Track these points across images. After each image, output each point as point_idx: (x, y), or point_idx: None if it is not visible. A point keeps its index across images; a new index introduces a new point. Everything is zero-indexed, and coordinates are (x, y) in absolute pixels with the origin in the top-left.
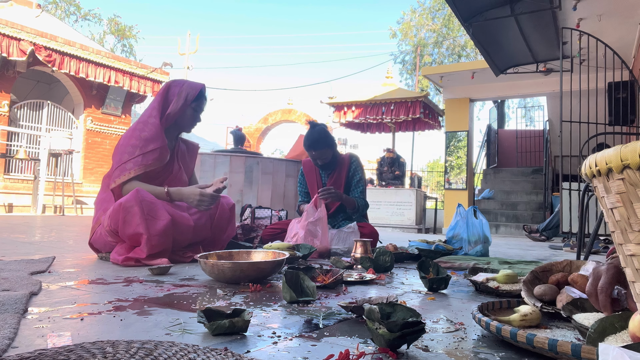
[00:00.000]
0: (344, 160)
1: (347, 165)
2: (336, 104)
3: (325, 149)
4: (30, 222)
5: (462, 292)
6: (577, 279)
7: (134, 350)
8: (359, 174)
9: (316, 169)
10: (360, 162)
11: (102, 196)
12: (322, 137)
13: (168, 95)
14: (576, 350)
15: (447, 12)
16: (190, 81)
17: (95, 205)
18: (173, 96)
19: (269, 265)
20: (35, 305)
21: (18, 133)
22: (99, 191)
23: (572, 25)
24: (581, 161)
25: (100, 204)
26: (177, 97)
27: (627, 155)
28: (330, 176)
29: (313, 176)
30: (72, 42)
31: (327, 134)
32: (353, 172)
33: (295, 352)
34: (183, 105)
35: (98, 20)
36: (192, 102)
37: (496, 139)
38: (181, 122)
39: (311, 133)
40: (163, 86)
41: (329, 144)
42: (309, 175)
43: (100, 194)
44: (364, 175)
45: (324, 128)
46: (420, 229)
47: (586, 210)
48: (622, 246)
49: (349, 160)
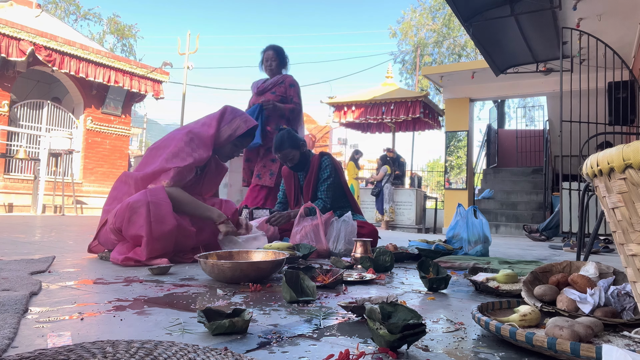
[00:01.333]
0: (315, 160)
1: (317, 165)
2: (336, 104)
3: (288, 149)
4: (30, 222)
5: (462, 292)
6: (577, 280)
7: (134, 350)
8: (327, 172)
9: (295, 174)
10: (332, 160)
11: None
12: (284, 139)
13: (221, 121)
14: (575, 348)
15: (447, 11)
16: (245, 116)
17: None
18: (224, 124)
19: (269, 265)
20: (35, 305)
21: (18, 133)
22: (114, 187)
23: (572, 25)
24: (581, 161)
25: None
26: (226, 127)
27: (629, 154)
28: (306, 178)
29: (291, 181)
30: (72, 42)
31: (289, 136)
32: (322, 170)
33: (295, 352)
34: (229, 138)
35: (98, 19)
36: (237, 137)
37: (496, 138)
38: (219, 150)
39: (275, 137)
40: (220, 109)
41: (292, 144)
42: (287, 181)
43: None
44: (334, 172)
45: (287, 130)
46: (420, 228)
47: (586, 210)
48: (624, 246)
49: (319, 160)
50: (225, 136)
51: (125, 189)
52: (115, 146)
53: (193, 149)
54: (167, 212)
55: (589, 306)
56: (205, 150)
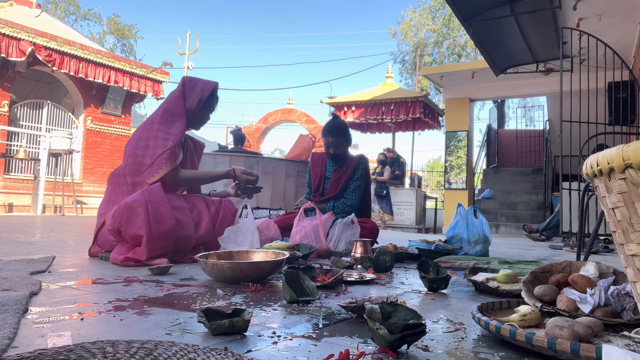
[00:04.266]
0: (353, 160)
1: (354, 165)
2: (336, 103)
3: (341, 138)
4: (30, 222)
5: (462, 292)
6: (577, 280)
7: (134, 350)
8: (359, 173)
9: (323, 163)
10: (367, 165)
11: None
12: (341, 127)
13: (184, 92)
14: (575, 348)
15: (447, 11)
16: (204, 80)
17: (102, 204)
18: (188, 93)
19: (269, 265)
20: (35, 305)
21: (18, 133)
22: (107, 190)
23: (572, 25)
24: (581, 161)
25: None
26: (192, 95)
27: (629, 154)
28: (336, 172)
29: (318, 168)
30: (72, 42)
31: (346, 128)
32: (356, 172)
33: (295, 352)
34: (198, 104)
35: (98, 19)
36: (207, 100)
37: (496, 138)
38: (191, 120)
39: (332, 121)
40: (180, 83)
41: (346, 136)
42: (315, 167)
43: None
44: (365, 177)
45: (346, 123)
46: (420, 228)
47: (586, 210)
48: (624, 246)
49: (357, 161)
50: (195, 102)
51: (118, 191)
52: (115, 146)
53: (169, 126)
54: (166, 211)
55: (589, 306)
56: (180, 122)
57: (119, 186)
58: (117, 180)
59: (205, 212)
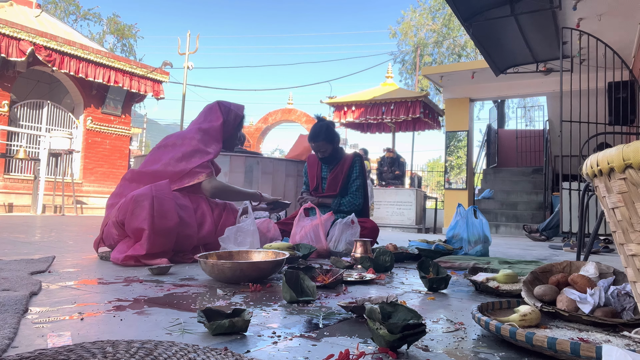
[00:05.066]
0: (347, 158)
1: (349, 164)
2: (336, 103)
3: (323, 142)
4: (30, 222)
5: (462, 292)
6: (577, 280)
7: (134, 350)
8: (356, 172)
9: (318, 164)
10: (362, 162)
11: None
12: (322, 131)
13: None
14: (575, 348)
15: (447, 11)
16: (234, 104)
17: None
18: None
19: (269, 265)
20: (35, 305)
21: (18, 133)
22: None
23: (572, 25)
24: (581, 161)
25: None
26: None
27: (629, 154)
28: (332, 171)
29: (314, 170)
30: (72, 42)
31: (328, 129)
32: (352, 170)
33: (295, 352)
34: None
35: (97, 19)
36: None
37: (496, 138)
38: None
39: (314, 126)
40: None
41: (329, 139)
42: (311, 168)
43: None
44: (362, 174)
45: (327, 124)
46: (420, 228)
47: (586, 210)
48: (624, 246)
49: (352, 160)
50: (231, 124)
51: (133, 187)
52: (115, 146)
53: (206, 144)
54: (170, 208)
55: (589, 306)
56: (217, 144)
57: (139, 184)
58: (132, 177)
59: (208, 214)
